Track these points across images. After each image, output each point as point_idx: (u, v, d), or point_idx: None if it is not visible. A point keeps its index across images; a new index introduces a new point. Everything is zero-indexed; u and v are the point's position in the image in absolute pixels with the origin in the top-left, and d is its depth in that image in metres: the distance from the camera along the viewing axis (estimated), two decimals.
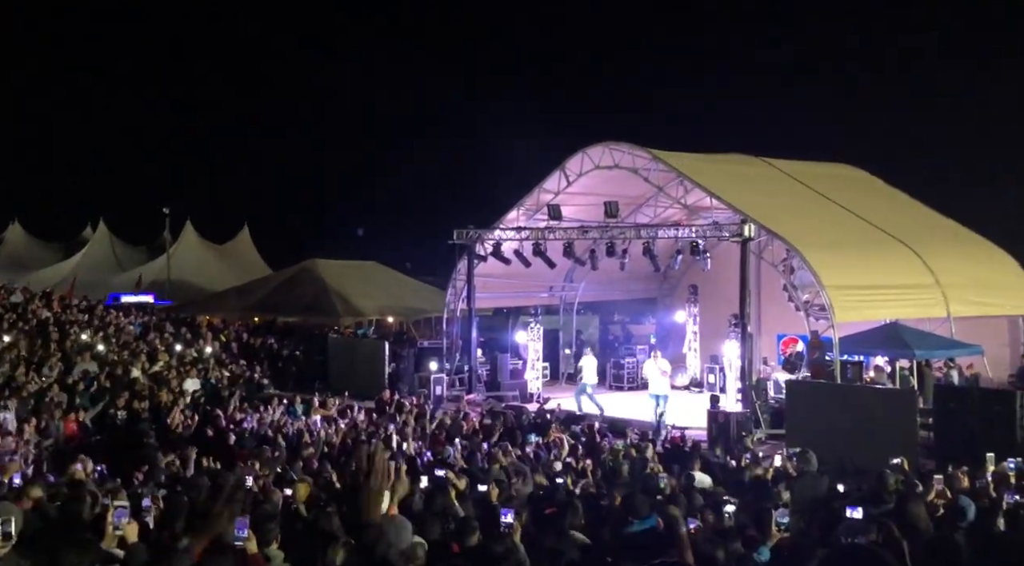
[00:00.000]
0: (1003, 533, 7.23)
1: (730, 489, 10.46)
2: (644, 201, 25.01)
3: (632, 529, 6.91)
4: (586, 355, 22.94)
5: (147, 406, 17.43)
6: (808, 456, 10.83)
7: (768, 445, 17.38)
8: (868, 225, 21.84)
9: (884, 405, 16.11)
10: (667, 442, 15.98)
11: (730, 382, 20.89)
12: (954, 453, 13.93)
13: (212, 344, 26.00)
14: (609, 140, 22.84)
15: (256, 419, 16.62)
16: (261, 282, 38.57)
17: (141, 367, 21.19)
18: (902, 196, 25.56)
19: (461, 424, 16.77)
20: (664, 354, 26.92)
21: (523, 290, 27.13)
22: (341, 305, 32.85)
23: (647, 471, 11.75)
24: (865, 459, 12.87)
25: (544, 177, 24.04)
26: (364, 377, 23.73)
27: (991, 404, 15.52)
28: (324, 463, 12.04)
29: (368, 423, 17.03)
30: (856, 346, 18.75)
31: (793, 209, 21.98)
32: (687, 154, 23.34)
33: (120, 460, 11.84)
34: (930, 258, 20.54)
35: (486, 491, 8.89)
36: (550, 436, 15.34)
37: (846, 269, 19.26)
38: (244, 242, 49.44)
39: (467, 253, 24.32)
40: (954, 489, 9.51)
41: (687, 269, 25.66)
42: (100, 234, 47.62)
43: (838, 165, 27.05)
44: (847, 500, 9.33)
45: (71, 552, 4.83)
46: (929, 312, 19.74)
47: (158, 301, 36.99)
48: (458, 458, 12.80)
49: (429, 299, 33.38)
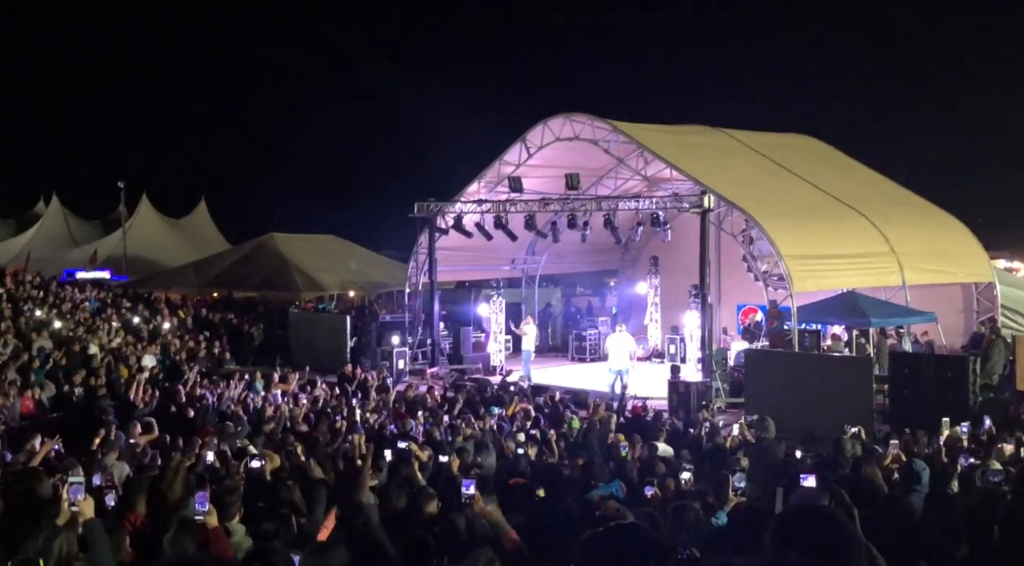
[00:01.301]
0: (956, 495, 7.41)
1: (689, 456, 10.60)
2: (605, 173, 25.05)
3: (594, 493, 6.98)
4: (525, 323, 23.11)
5: (104, 383, 17.19)
6: (766, 423, 10.98)
7: (728, 414, 17.63)
8: (825, 195, 22.09)
9: (841, 373, 16.39)
10: (629, 412, 16.10)
11: (691, 352, 21.13)
12: (909, 418, 14.24)
13: (170, 320, 25.69)
14: (570, 111, 22.80)
15: (217, 395, 16.47)
16: (219, 257, 38.15)
17: (98, 344, 20.89)
18: (858, 166, 25.86)
19: (424, 397, 16.77)
20: (626, 325, 27.20)
21: (485, 263, 27.11)
22: (301, 279, 32.62)
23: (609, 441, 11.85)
24: (823, 426, 13.09)
25: (505, 149, 23.95)
26: (326, 352, 23.62)
27: (945, 370, 15.88)
28: (286, 437, 11.98)
29: (330, 397, 16.96)
30: (814, 315, 19.01)
31: (752, 180, 22.14)
32: (647, 125, 23.39)
33: (78, 437, 11.67)
34: (885, 227, 20.83)
35: (448, 462, 8.91)
36: (513, 408, 15.39)
37: (804, 239, 19.48)
38: (201, 216, 48.79)
39: (428, 226, 24.22)
40: (909, 453, 9.72)
41: (648, 241, 25.78)
42: (53, 209, 46.63)
43: (796, 136, 27.29)
44: (803, 467, 9.52)
45: (28, 529, 4.78)
46: (885, 280, 20.07)
47: (114, 277, 36.38)
48: (420, 431, 12.80)
49: (391, 273, 33.26)
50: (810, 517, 2.87)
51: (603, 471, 7.25)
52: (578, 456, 9.68)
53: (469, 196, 24.26)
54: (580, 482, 7.44)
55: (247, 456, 9.14)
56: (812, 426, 13.34)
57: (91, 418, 13.84)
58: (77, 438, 11.33)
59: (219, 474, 8.61)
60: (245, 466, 8.45)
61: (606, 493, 6.98)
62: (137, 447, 10.78)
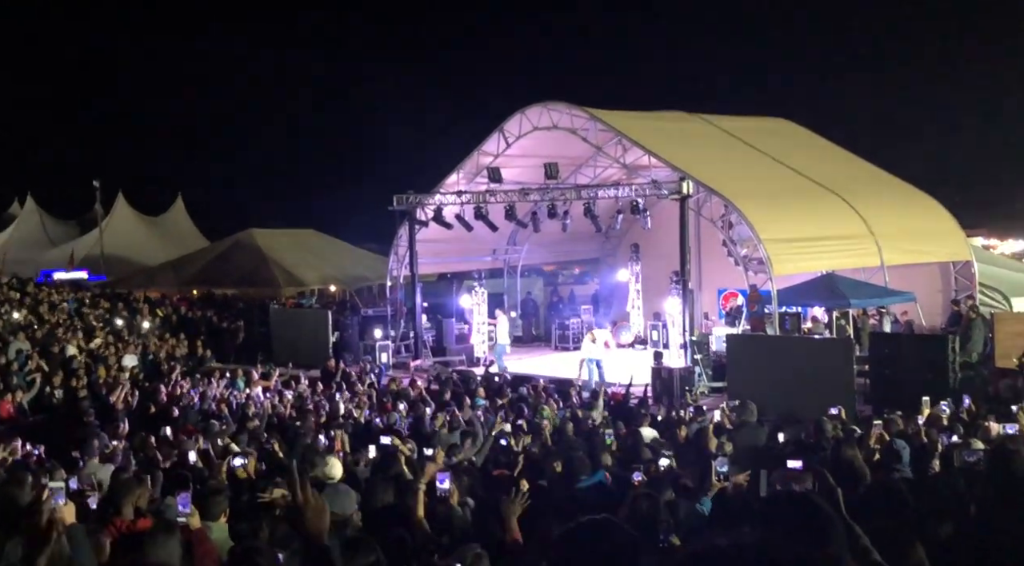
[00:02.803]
0: (937, 474, 7.47)
1: (673, 442, 10.63)
2: (584, 161, 25.02)
3: (580, 486, 6.98)
4: (498, 316, 23.13)
5: (85, 384, 17.06)
6: (748, 407, 11.04)
7: (711, 398, 17.70)
8: (803, 178, 22.18)
9: (822, 355, 16.48)
10: (611, 399, 16.13)
11: (673, 338, 21.17)
12: (890, 398, 14.35)
13: (150, 319, 25.52)
14: (547, 100, 22.75)
15: (199, 393, 16.39)
16: (198, 254, 37.93)
17: (77, 345, 20.72)
18: (834, 148, 25.98)
19: (408, 390, 16.75)
20: (608, 313, 27.27)
21: (466, 254, 27.05)
22: (282, 275, 32.48)
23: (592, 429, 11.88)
24: (805, 408, 13.16)
25: (483, 139, 23.87)
26: (308, 347, 23.51)
27: (924, 349, 16.00)
28: (270, 434, 11.94)
29: (314, 393, 16.92)
30: (794, 298, 19.11)
31: (730, 165, 22.19)
32: (625, 113, 23.39)
33: (60, 440, 11.59)
34: (863, 208, 20.95)
35: (432, 455, 8.90)
36: (505, 400, 15.38)
37: (783, 222, 19.55)
38: (179, 213, 48.45)
39: (408, 219, 24.13)
40: (891, 433, 9.79)
41: (628, 228, 25.81)
42: (28, 210, 46.22)
43: (771, 119, 27.36)
44: (787, 450, 9.56)
45: (7, 536, 4.72)
46: (863, 262, 20.19)
47: (92, 277, 36.08)
48: (404, 424, 12.79)
49: (371, 266, 33.16)
50: (791, 501, 2.92)
51: (585, 464, 7.26)
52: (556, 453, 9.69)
53: (448, 187, 24.17)
54: (564, 477, 7.44)
55: (230, 455, 9.09)
56: (794, 409, 13.41)
57: (72, 421, 13.76)
58: (58, 441, 11.26)
59: (202, 474, 8.57)
60: (228, 465, 8.41)
61: (593, 483, 6.99)
62: (117, 447, 10.72)
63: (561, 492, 7.08)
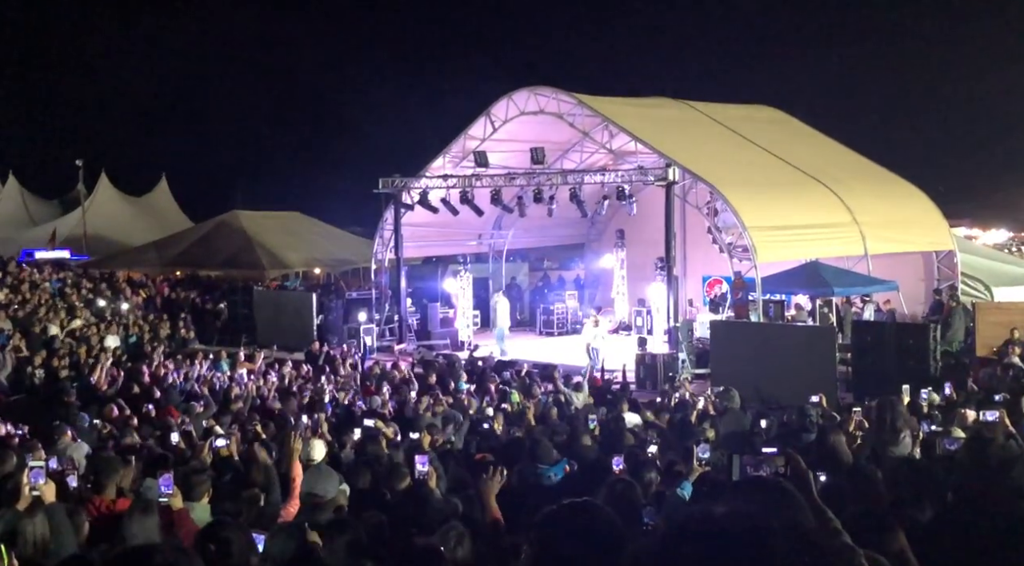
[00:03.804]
0: (917, 460, 7.52)
1: (655, 428, 10.66)
2: (570, 146, 25.00)
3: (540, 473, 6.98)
4: (498, 300, 23.13)
5: (67, 364, 16.95)
6: (731, 394, 11.09)
7: (694, 384, 17.77)
8: (788, 166, 22.25)
9: (805, 342, 16.55)
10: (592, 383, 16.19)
11: (657, 324, 21.25)
12: (871, 386, 14.43)
13: (133, 299, 25.36)
14: (534, 84, 22.69)
15: (182, 374, 16.32)
16: (182, 235, 37.67)
17: (59, 324, 20.58)
18: (820, 136, 26.06)
19: (392, 374, 16.73)
20: (592, 299, 27.31)
21: (451, 239, 27.03)
22: (266, 257, 32.32)
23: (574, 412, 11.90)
24: (787, 395, 13.24)
25: (470, 123, 23.80)
26: (292, 330, 23.46)
27: (906, 338, 16.09)
28: (253, 416, 11.91)
29: (297, 375, 16.88)
30: (778, 285, 19.19)
31: (716, 152, 22.22)
32: (612, 98, 23.37)
33: (40, 420, 11.52)
34: (847, 197, 21.04)
35: (418, 439, 8.91)
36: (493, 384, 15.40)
37: (767, 210, 19.61)
38: (162, 194, 48.07)
39: (393, 202, 24.06)
40: (871, 421, 9.85)
41: (614, 214, 25.84)
42: (10, 188, 45.72)
43: (758, 107, 27.41)
44: (770, 436, 9.62)
45: None
46: (847, 250, 20.30)
47: (74, 256, 35.81)
48: (387, 407, 12.78)
49: (356, 249, 33.05)
50: (759, 484, 2.93)
51: (548, 452, 7.26)
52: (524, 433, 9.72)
53: (434, 171, 24.10)
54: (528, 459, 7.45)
55: (212, 436, 9.07)
56: (776, 395, 13.49)
57: (53, 400, 13.67)
58: (39, 421, 11.19)
59: (185, 455, 8.55)
60: (210, 445, 8.38)
61: (547, 474, 7.00)
62: (105, 429, 10.67)
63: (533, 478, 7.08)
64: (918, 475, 6.06)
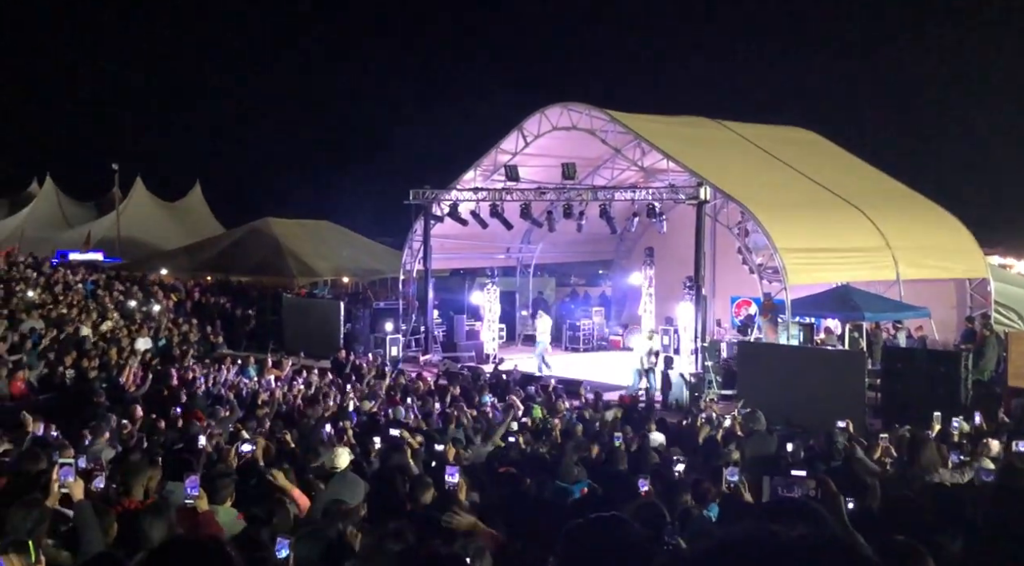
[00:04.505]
0: (948, 489, 7.41)
1: (682, 448, 10.60)
2: (601, 163, 25.00)
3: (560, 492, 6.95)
4: (540, 316, 23.06)
5: (96, 365, 17.14)
6: (757, 416, 11.01)
7: (720, 405, 17.64)
8: (821, 188, 22.07)
9: (833, 366, 16.39)
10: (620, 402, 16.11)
11: (684, 344, 21.11)
12: (901, 413, 14.26)
13: (164, 302, 25.62)
14: (567, 100, 22.74)
15: (210, 379, 16.46)
16: (213, 241, 38.02)
17: (91, 325, 20.82)
18: (854, 160, 25.83)
19: (417, 384, 16.76)
20: (620, 316, 27.24)
21: (480, 251, 27.06)
22: (296, 265, 32.54)
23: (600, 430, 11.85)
24: (814, 419, 13.10)
25: (502, 137, 23.88)
26: (319, 337, 23.57)
27: (937, 365, 15.87)
28: (278, 422, 11.98)
29: (323, 383, 16.95)
30: (808, 308, 19.02)
31: (748, 172, 22.11)
32: (644, 116, 23.34)
33: (69, 419, 11.65)
34: (881, 221, 20.82)
35: (443, 450, 8.91)
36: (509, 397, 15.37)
37: (799, 232, 19.47)
38: (196, 199, 48.60)
39: (423, 214, 24.16)
40: (899, 448, 9.72)
41: (643, 231, 25.77)
42: (47, 190, 46.44)
43: (792, 128, 27.24)
44: (797, 460, 9.53)
45: (16, 510, 4.76)
46: (879, 275, 20.07)
47: (107, 258, 36.25)
48: (411, 417, 12.80)
49: (385, 259, 33.20)
50: (792, 506, 2.90)
51: (570, 470, 7.23)
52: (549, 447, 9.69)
53: (465, 184, 24.19)
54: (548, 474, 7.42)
55: (239, 440, 9.12)
56: (803, 419, 13.36)
57: (82, 400, 13.83)
58: (68, 420, 11.32)
59: (211, 458, 8.60)
60: (236, 450, 8.44)
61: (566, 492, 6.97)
62: (126, 429, 10.76)
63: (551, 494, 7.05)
64: (948, 504, 5.97)
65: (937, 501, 5.95)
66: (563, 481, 7.13)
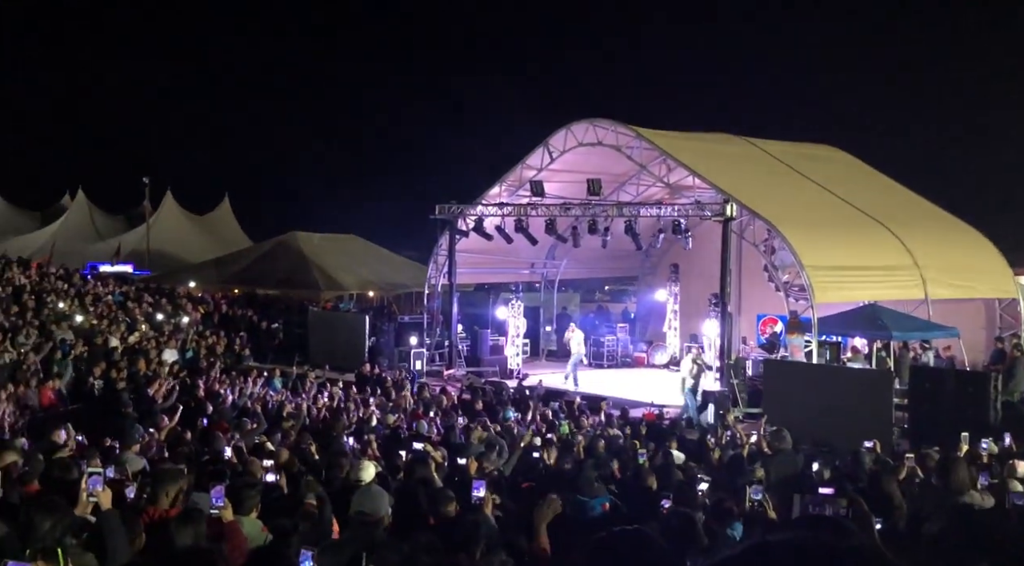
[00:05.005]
0: (975, 510, 7.32)
1: (705, 466, 10.54)
2: (627, 179, 25.00)
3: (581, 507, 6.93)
4: (572, 330, 22.99)
5: (125, 376, 17.31)
6: (783, 435, 10.91)
7: (745, 423, 17.52)
8: (848, 206, 21.95)
9: (860, 386, 16.23)
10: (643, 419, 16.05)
11: (709, 361, 21.00)
12: (928, 434, 14.08)
13: (191, 315, 25.86)
14: (593, 116, 22.79)
15: (236, 391, 16.57)
16: (241, 254, 38.39)
17: (120, 337, 21.05)
18: (883, 178, 25.68)
19: (440, 398, 16.79)
20: (644, 332, 27.16)
21: (505, 266, 27.12)
22: (322, 278, 32.76)
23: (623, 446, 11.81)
24: (841, 439, 12.99)
25: (527, 153, 23.96)
26: (344, 351, 23.69)
27: (966, 386, 15.67)
28: (303, 435, 12.03)
29: (348, 396, 17.02)
30: (835, 327, 18.87)
31: (775, 189, 22.03)
32: (671, 132, 23.34)
33: (97, 429, 11.77)
34: (909, 240, 20.67)
35: (465, 464, 8.91)
36: (532, 412, 15.36)
37: (826, 250, 19.36)
38: (224, 213, 49.11)
39: (449, 228, 24.26)
40: (926, 468, 9.62)
41: (669, 248, 25.73)
42: (78, 202, 47.14)
43: (820, 146, 27.12)
44: (823, 480, 9.44)
45: (45, 517, 4.82)
46: (907, 294, 19.89)
47: (137, 271, 36.70)
48: (433, 432, 12.82)
49: (410, 274, 33.34)
50: (824, 523, 2.88)
51: (590, 485, 7.22)
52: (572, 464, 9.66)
53: (490, 199, 24.28)
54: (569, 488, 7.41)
55: (263, 453, 9.18)
56: (830, 438, 13.24)
57: (110, 410, 13.98)
58: (96, 430, 11.44)
59: (236, 469, 8.66)
60: (262, 463, 8.49)
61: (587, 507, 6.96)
62: (152, 440, 10.85)
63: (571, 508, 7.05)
64: (975, 525, 5.91)
65: (965, 523, 5.89)
66: (583, 495, 7.12)
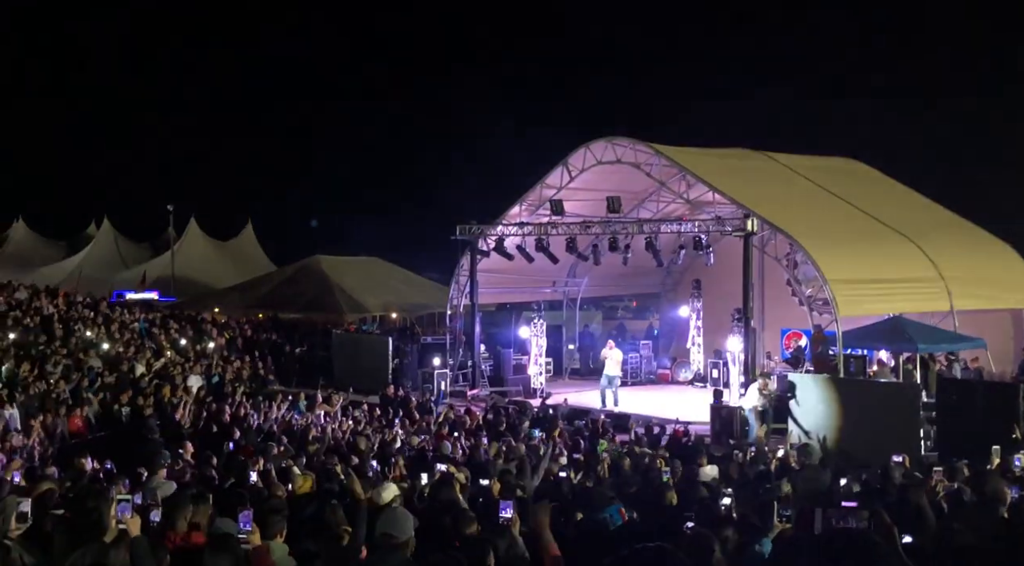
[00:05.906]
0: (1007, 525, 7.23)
1: (732, 482, 10.48)
2: (647, 196, 24.99)
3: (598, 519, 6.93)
4: (610, 348, 22.67)
5: (151, 403, 17.47)
6: (810, 449, 10.86)
7: (771, 439, 17.40)
8: (870, 219, 21.82)
9: (887, 399, 16.10)
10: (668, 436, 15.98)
11: (733, 377, 20.89)
12: (957, 446, 13.93)
13: (216, 340, 26.05)
14: (612, 134, 22.85)
15: (261, 415, 16.67)
16: (265, 279, 38.66)
17: (146, 364, 21.24)
18: (904, 189, 25.52)
19: (464, 419, 16.80)
20: (667, 348, 27.05)
21: (526, 285, 27.16)
22: (345, 301, 32.91)
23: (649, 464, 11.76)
24: (868, 453, 12.87)
25: (547, 172, 24.04)
26: (368, 373, 23.77)
27: (994, 398, 15.50)
28: (329, 458, 12.07)
29: (372, 418, 17.08)
30: (859, 340, 18.73)
31: (795, 203, 21.96)
32: (689, 149, 23.34)
33: (125, 456, 11.88)
34: (933, 251, 20.51)
35: (488, 485, 8.91)
36: (556, 432, 15.34)
37: (849, 263, 19.25)
38: (248, 238, 49.52)
39: (470, 248, 24.35)
40: (955, 482, 9.51)
41: (690, 264, 25.67)
42: (104, 231, 47.71)
43: (840, 159, 27.01)
44: (848, 495, 9.36)
45: (75, 544, 4.89)
46: (932, 306, 19.72)
47: (162, 298, 37.04)
48: (458, 453, 12.82)
49: (432, 295, 33.44)
50: (848, 537, 2.87)
51: (600, 495, 7.22)
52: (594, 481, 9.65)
53: (511, 219, 24.36)
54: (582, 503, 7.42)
55: (290, 477, 9.23)
56: (857, 453, 13.13)
57: (137, 437, 14.11)
58: (124, 457, 11.55)
59: (262, 494, 8.71)
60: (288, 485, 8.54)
61: (602, 517, 6.95)
62: (179, 466, 10.94)
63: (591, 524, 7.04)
64: (1007, 541, 5.85)
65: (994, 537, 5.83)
66: (596, 505, 7.12)
